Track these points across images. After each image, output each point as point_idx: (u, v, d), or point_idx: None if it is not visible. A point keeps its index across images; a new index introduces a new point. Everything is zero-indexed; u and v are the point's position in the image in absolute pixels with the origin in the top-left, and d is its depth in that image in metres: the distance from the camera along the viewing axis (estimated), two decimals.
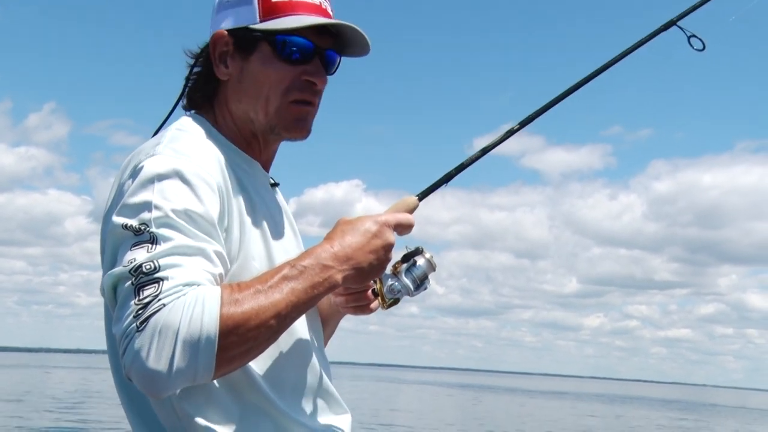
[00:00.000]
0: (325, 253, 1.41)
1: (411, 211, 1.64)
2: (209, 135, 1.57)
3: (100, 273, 1.43)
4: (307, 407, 1.60)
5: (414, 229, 1.56)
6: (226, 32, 1.58)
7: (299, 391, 1.58)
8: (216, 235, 1.40)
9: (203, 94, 1.64)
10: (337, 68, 1.65)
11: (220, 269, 1.37)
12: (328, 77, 1.62)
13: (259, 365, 1.49)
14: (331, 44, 1.61)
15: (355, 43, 1.62)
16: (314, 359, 1.63)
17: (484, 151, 1.78)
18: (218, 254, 1.38)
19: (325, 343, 1.82)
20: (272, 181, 1.71)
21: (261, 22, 1.55)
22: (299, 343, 1.59)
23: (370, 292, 1.70)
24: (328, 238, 1.45)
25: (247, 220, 1.52)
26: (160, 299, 1.25)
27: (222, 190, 1.45)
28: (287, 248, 1.63)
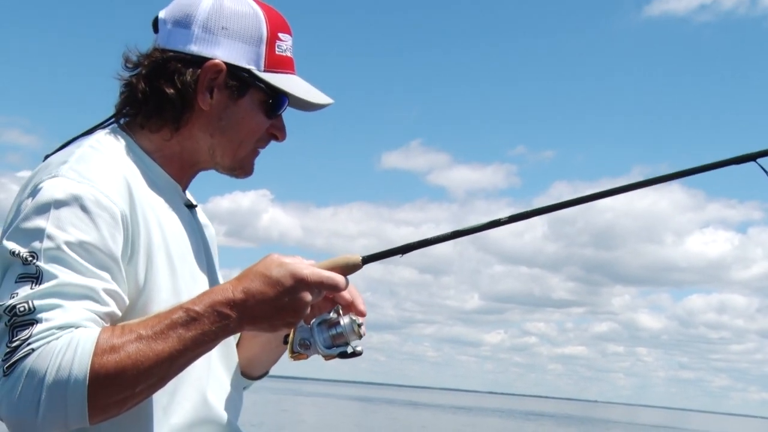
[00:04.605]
0: (222, 298, 1.29)
1: (348, 271, 1.40)
2: (129, 153, 1.46)
3: None
4: None
5: (320, 241, 1.40)
6: (223, 64, 1.48)
7: (193, 427, 1.46)
8: (115, 269, 1.32)
9: (163, 113, 1.49)
10: None
11: (109, 308, 1.29)
12: None
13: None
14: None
15: (311, 108, 1.61)
16: (216, 392, 1.51)
17: (455, 234, 1.46)
18: (109, 292, 1.30)
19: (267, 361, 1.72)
20: (190, 203, 1.60)
21: (265, 71, 1.52)
22: (198, 374, 1.46)
23: (282, 337, 1.49)
24: (239, 277, 1.34)
25: (155, 249, 1.41)
26: (29, 344, 1.20)
27: (126, 219, 1.36)
28: (195, 276, 1.51)
